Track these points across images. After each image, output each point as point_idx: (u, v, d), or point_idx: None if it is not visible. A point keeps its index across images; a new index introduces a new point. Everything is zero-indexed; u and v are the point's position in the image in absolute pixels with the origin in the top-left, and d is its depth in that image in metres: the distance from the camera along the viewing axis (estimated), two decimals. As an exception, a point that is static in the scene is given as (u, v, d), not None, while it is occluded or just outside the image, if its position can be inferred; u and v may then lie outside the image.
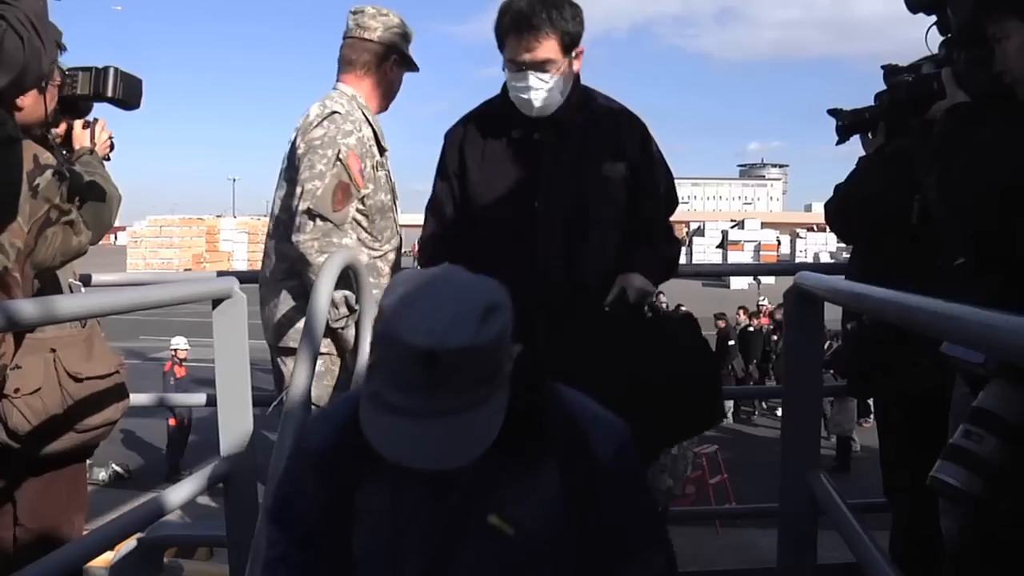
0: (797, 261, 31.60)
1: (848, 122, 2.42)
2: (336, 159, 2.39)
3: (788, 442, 1.95)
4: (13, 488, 1.96)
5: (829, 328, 2.96)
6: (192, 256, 31.73)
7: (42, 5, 1.53)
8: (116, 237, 40.36)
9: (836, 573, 2.10)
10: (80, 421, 1.97)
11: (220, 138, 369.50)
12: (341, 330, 2.43)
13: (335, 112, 2.44)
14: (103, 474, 8.55)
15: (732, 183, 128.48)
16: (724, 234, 38.50)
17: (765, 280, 21.98)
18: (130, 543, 2.65)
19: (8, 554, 1.96)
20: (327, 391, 2.47)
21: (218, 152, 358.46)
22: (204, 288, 2.09)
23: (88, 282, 2.80)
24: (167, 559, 3.05)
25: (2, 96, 1.54)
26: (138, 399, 2.87)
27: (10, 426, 1.85)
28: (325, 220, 2.37)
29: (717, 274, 26.62)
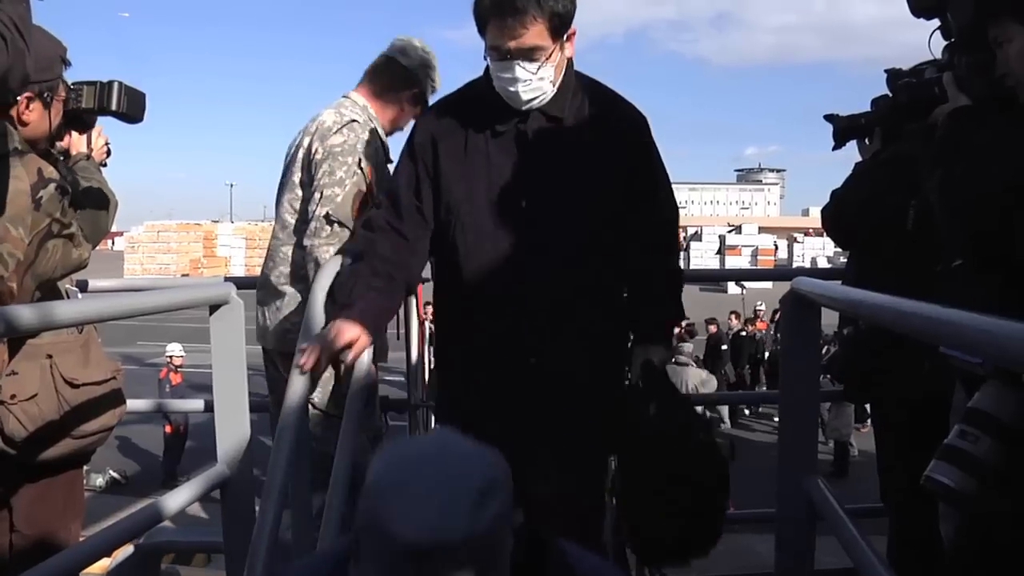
0: (795, 265, 31.62)
1: (844, 127, 2.43)
2: (357, 167, 2.42)
3: (785, 447, 1.95)
4: (9, 494, 1.95)
5: (824, 332, 2.95)
6: (190, 261, 31.62)
7: (26, 7, 1.53)
8: (113, 242, 40.33)
9: (834, 578, 2.10)
10: (77, 427, 1.96)
11: (217, 143, 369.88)
12: None
13: (354, 120, 2.47)
14: (100, 480, 8.50)
15: (729, 188, 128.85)
16: (721, 239, 38.56)
17: (763, 285, 21.97)
18: (127, 549, 2.65)
19: (4, 561, 1.96)
20: (327, 394, 2.48)
21: (215, 157, 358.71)
22: (201, 294, 2.08)
23: (85, 288, 2.80)
24: (164, 565, 3.05)
25: None
26: (135, 405, 2.87)
27: (6, 432, 1.85)
28: (343, 227, 2.38)
29: (714, 279, 26.59)
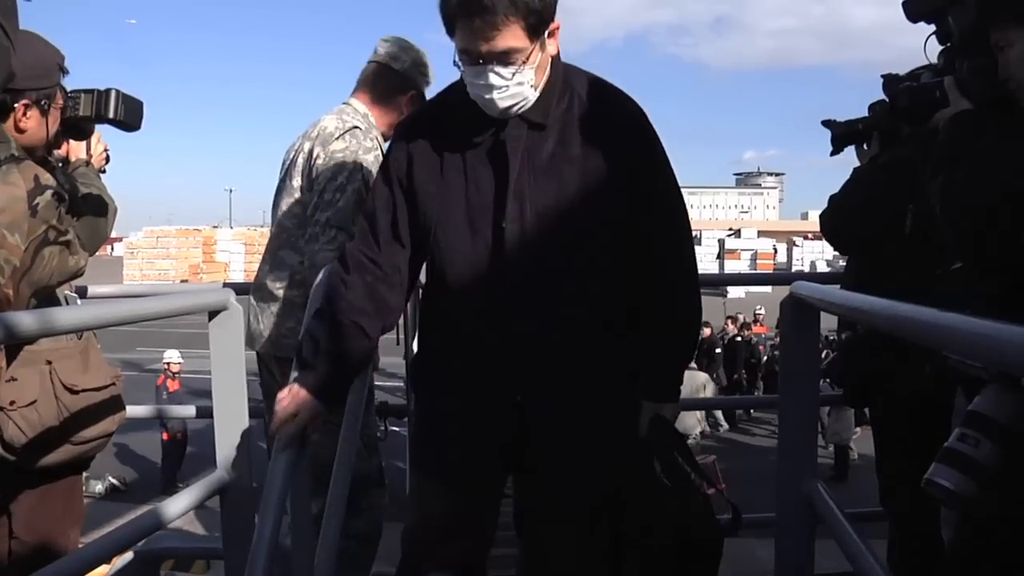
0: (794, 269, 31.70)
1: (842, 133, 2.44)
2: (359, 173, 2.42)
3: (785, 452, 1.95)
4: (8, 501, 1.95)
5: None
6: (189, 267, 31.62)
7: (10, 4, 1.54)
8: (112, 248, 40.26)
9: (834, 583, 2.10)
10: (76, 433, 1.96)
11: (216, 149, 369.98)
12: None
13: (356, 127, 2.47)
14: (99, 486, 8.50)
15: (728, 192, 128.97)
16: (721, 243, 38.63)
17: (762, 289, 21.98)
18: (126, 556, 2.64)
19: (3, 567, 1.96)
20: None
21: (214, 163, 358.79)
22: (200, 300, 2.08)
23: (84, 294, 2.80)
24: (164, 572, 3.04)
25: None
26: (134, 411, 2.87)
27: (5, 438, 1.85)
28: (344, 232, 2.37)
29: (713, 284, 26.65)
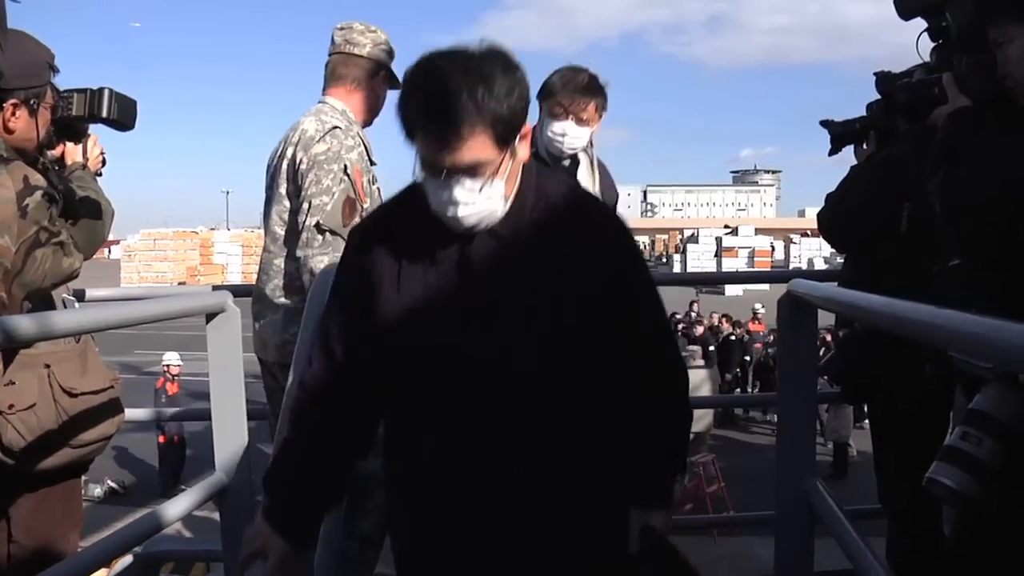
0: (791, 267, 31.71)
1: (839, 133, 2.44)
2: (343, 174, 2.40)
3: (784, 450, 1.96)
4: (7, 504, 1.95)
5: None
6: (186, 269, 31.64)
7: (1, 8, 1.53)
8: (110, 251, 40.25)
9: (833, 580, 2.10)
10: (75, 436, 1.96)
11: (213, 150, 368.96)
12: None
13: (336, 127, 2.46)
14: (98, 490, 8.49)
15: (726, 189, 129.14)
16: (718, 241, 38.64)
17: (760, 287, 21.99)
18: (126, 559, 2.64)
19: (3, 571, 1.95)
20: None
21: (211, 164, 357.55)
22: (198, 303, 2.09)
23: (82, 297, 2.80)
24: (163, 574, 3.04)
25: None
26: (133, 414, 2.86)
27: (4, 442, 1.85)
28: (335, 235, 2.37)
29: (712, 282, 26.67)
